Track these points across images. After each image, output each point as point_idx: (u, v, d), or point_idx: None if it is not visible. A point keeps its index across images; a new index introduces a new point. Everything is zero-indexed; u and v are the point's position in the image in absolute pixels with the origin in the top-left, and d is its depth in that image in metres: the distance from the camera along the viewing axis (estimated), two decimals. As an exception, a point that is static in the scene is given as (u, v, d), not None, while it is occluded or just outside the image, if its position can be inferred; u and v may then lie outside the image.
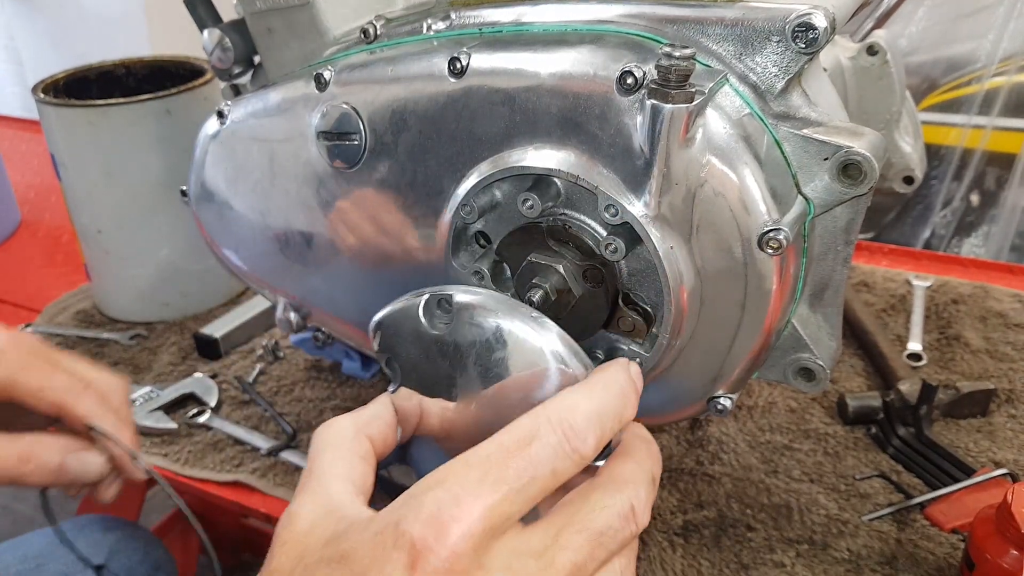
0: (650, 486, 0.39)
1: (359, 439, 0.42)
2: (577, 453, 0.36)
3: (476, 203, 0.57)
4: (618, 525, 0.36)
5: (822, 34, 0.48)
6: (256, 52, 0.73)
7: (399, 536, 0.34)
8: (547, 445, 0.35)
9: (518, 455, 0.35)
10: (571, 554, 0.35)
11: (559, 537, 0.36)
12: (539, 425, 0.36)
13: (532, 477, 0.35)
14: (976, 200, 2.16)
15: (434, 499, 0.34)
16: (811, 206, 0.51)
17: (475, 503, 0.34)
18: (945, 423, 0.85)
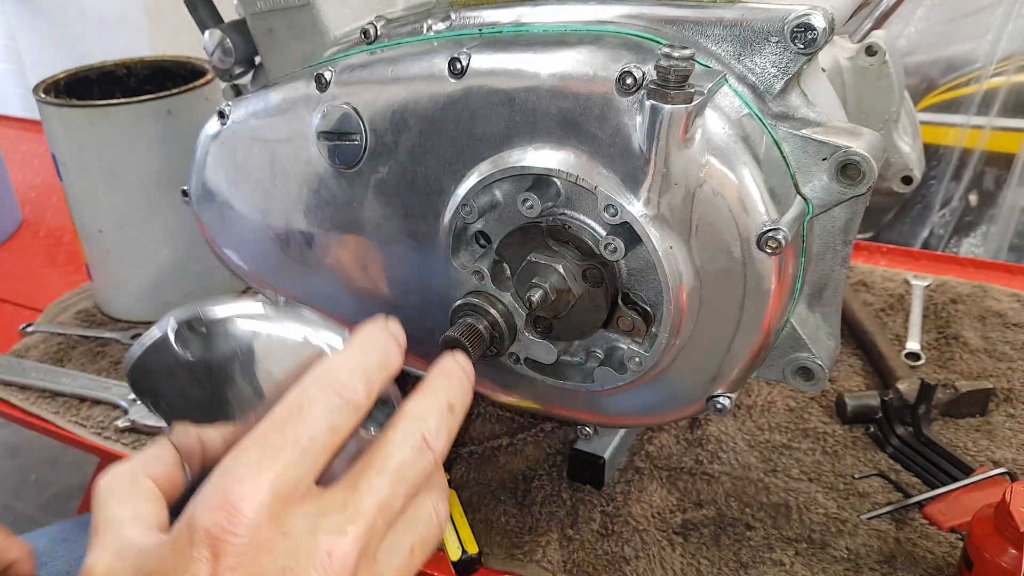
0: (443, 414, 0.39)
1: (140, 481, 0.41)
2: (350, 403, 0.37)
3: (476, 203, 0.57)
4: (412, 457, 0.37)
5: (821, 34, 0.48)
6: (257, 52, 0.73)
7: (193, 535, 0.33)
8: (317, 405, 0.36)
9: (291, 422, 0.35)
10: (373, 496, 0.36)
11: (358, 485, 0.36)
12: (306, 389, 0.36)
13: (311, 438, 0.35)
14: (975, 200, 2.16)
15: (218, 487, 0.34)
16: (810, 206, 0.52)
17: (259, 477, 0.34)
18: (944, 422, 0.85)
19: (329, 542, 0.34)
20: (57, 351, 1.03)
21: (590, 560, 0.71)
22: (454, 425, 0.40)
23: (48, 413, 0.92)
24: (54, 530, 0.89)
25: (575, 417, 0.69)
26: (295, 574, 0.34)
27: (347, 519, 0.35)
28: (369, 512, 0.35)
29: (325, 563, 0.34)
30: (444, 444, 0.39)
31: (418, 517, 0.38)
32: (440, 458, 0.39)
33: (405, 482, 0.37)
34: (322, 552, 0.34)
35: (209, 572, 0.33)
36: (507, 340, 0.60)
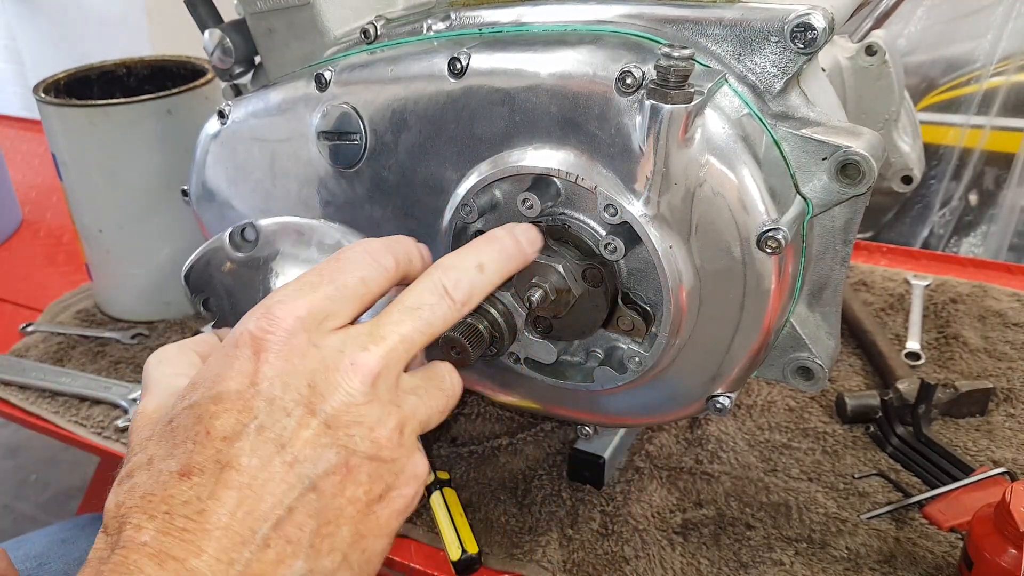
0: (469, 270, 0.45)
1: (186, 352, 0.47)
2: (379, 265, 0.44)
3: (476, 203, 0.57)
4: (433, 300, 0.43)
5: (821, 34, 0.48)
6: (257, 52, 0.73)
7: (239, 336, 0.40)
8: (353, 260, 0.43)
9: (328, 269, 0.43)
10: (394, 327, 0.42)
11: (381, 318, 0.42)
12: (344, 250, 0.44)
13: (344, 282, 0.42)
14: (974, 200, 2.16)
15: (264, 304, 0.41)
16: (810, 206, 0.52)
17: (298, 299, 0.41)
18: (943, 422, 0.85)
19: (353, 355, 0.40)
20: (57, 351, 1.03)
21: (590, 560, 0.71)
22: (480, 283, 0.46)
23: (48, 413, 0.92)
24: (53, 531, 0.89)
25: (575, 417, 0.69)
26: (322, 375, 0.40)
27: (370, 340, 0.41)
28: (390, 338, 0.41)
29: (348, 369, 0.40)
30: (464, 296, 0.44)
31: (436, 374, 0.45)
32: (462, 307, 0.45)
33: (423, 321, 0.43)
34: (346, 362, 0.40)
35: (251, 365, 0.39)
36: (507, 340, 0.60)
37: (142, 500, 0.38)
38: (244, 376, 0.39)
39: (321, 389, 0.40)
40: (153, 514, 0.37)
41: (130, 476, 0.40)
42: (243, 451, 0.38)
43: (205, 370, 0.41)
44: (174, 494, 0.37)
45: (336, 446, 0.39)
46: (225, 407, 0.39)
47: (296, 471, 0.38)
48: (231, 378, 0.39)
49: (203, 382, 0.40)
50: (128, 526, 0.37)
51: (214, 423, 0.39)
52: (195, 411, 0.39)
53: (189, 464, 0.38)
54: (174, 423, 0.40)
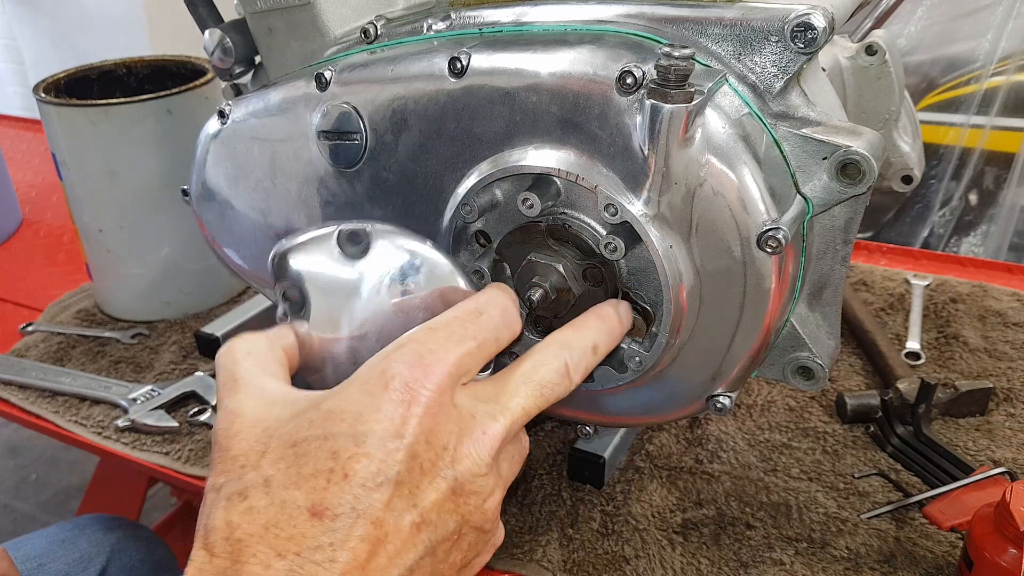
0: (587, 351, 0.46)
1: (275, 349, 0.45)
2: (509, 324, 0.44)
3: (476, 202, 0.57)
4: (556, 380, 0.44)
5: (821, 34, 0.48)
6: (257, 52, 0.73)
7: (389, 379, 0.39)
8: (493, 316, 0.43)
9: (473, 322, 0.42)
10: (519, 399, 0.42)
11: (507, 386, 0.42)
12: (480, 304, 0.44)
13: (485, 339, 0.42)
14: (975, 199, 2.16)
15: (413, 350, 0.40)
16: (810, 205, 0.52)
17: (448, 352, 0.40)
18: (944, 422, 0.85)
19: (484, 424, 0.40)
20: (57, 350, 1.03)
21: (590, 560, 0.71)
22: (592, 363, 0.46)
23: (48, 412, 0.92)
24: (53, 531, 0.89)
25: (575, 416, 0.69)
26: (457, 439, 0.39)
27: (499, 411, 0.41)
28: (514, 411, 0.42)
29: (480, 439, 0.40)
30: (580, 377, 0.45)
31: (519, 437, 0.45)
32: (573, 387, 0.45)
33: (544, 398, 0.43)
34: (479, 430, 0.40)
35: (401, 413, 0.38)
36: (507, 339, 0.60)
37: (265, 531, 0.36)
38: (390, 423, 0.38)
39: (454, 453, 0.39)
40: (282, 553, 0.35)
41: (244, 496, 0.37)
42: (379, 503, 0.37)
43: (342, 401, 0.39)
44: (305, 534, 0.36)
45: (457, 513, 0.39)
46: (367, 452, 0.37)
47: (422, 533, 0.38)
48: (376, 421, 0.38)
49: (340, 415, 0.38)
50: (251, 558, 0.35)
51: (353, 466, 0.37)
52: (331, 445, 0.37)
53: (322, 503, 0.36)
54: (300, 449, 0.38)
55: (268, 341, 0.45)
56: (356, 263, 0.48)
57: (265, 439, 0.39)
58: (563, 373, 0.44)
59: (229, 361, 0.43)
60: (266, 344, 0.45)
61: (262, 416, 0.40)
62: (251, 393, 0.41)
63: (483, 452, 0.40)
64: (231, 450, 0.39)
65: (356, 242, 0.48)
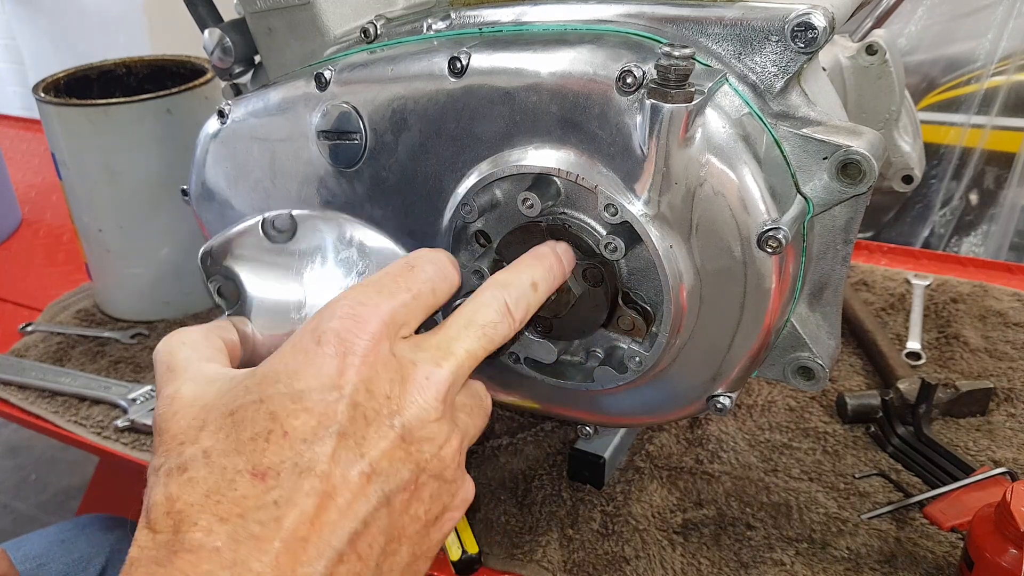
0: (525, 287, 0.46)
1: (213, 339, 0.45)
2: (446, 276, 0.44)
3: (476, 202, 0.57)
4: (497, 319, 0.43)
5: (821, 34, 0.48)
6: (257, 52, 0.73)
7: (321, 336, 0.38)
8: (426, 270, 0.43)
9: (405, 275, 0.42)
10: (462, 343, 0.42)
11: (448, 332, 0.42)
12: (412, 259, 0.44)
13: (419, 290, 0.42)
14: (975, 199, 2.16)
15: (344, 304, 0.39)
16: (810, 205, 0.51)
17: (381, 303, 0.40)
18: (944, 422, 0.85)
19: (427, 369, 0.40)
20: (57, 350, 1.03)
21: (590, 560, 0.71)
22: (534, 301, 0.46)
23: (48, 412, 0.92)
24: (52, 531, 0.89)
25: (575, 417, 0.69)
26: (400, 387, 0.39)
27: (441, 356, 0.41)
28: (458, 355, 0.41)
29: (424, 384, 0.39)
30: (522, 315, 0.45)
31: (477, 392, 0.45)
32: (519, 326, 0.45)
33: (487, 338, 0.42)
34: (421, 376, 0.39)
35: (337, 365, 0.37)
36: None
37: (206, 498, 0.35)
38: (327, 377, 0.37)
39: (398, 401, 0.38)
40: (225, 517, 0.34)
41: (183, 469, 0.36)
42: (323, 457, 0.36)
43: (276, 363, 0.39)
44: (247, 495, 0.35)
45: (409, 461, 0.38)
46: (305, 407, 0.36)
47: (373, 484, 0.37)
48: (312, 377, 0.37)
49: (275, 376, 0.38)
50: (193, 527, 0.34)
51: (292, 423, 0.36)
52: (268, 407, 0.37)
53: (262, 464, 0.35)
54: (238, 416, 0.37)
55: (204, 331, 0.45)
56: (286, 246, 0.48)
57: (203, 415, 0.38)
58: (503, 312, 0.43)
59: (165, 354, 0.43)
60: (202, 334, 0.45)
61: (200, 394, 0.40)
62: (189, 377, 0.41)
63: (429, 397, 0.39)
64: (170, 431, 0.39)
65: (282, 228, 0.48)
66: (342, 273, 0.47)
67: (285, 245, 0.48)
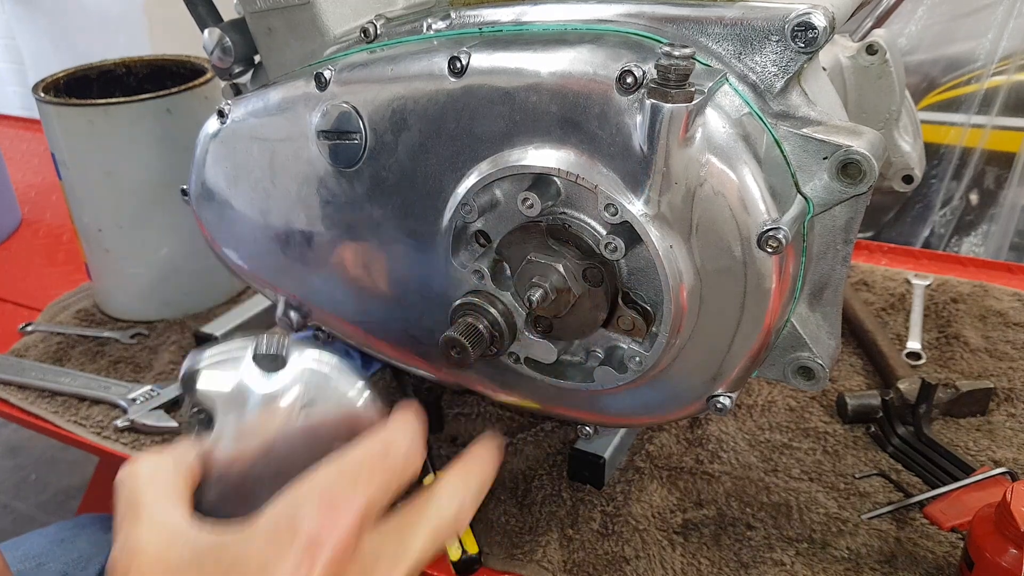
0: (476, 496, 0.46)
1: (180, 470, 0.45)
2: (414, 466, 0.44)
3: (476, 202, 0.57)
4: (448, 527, 0.44)
5: (821, 33, 0.48)
6: (256, 51, 0.73)
7: (296, 529, 0.38)
8: (397, 457, 0.43)
9: (380, 464, 0.42)
10: (417, 545, 0.42)
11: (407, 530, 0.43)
12: (386, 441, 0.43)
13: (389, 481, 0.42)
14: (975, 199, 2.16)
15: (322, 497, 0.40)
16: (810, 205, 0.51)
17: (356, 498, 0.40)
18: (944, 422, 0.85)
19: (389, 570, 0.41)
20: (56, 350, 1.02)
21: (590, 560, 0.71)
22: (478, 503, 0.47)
23: (47, 412, 0.92)
24: (52, 531, 0.89)
25: (575, 417, 0.69)
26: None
27: (400, 556, 0.42)
28: (413, 556, 0.42)
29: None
30: (467, 520, 0.46)
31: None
32: (463, 528, 0.47)
33: (437, 542, 0.44)
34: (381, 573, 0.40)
35: (307, 567, 0.38)
36: (507, 339, 0.60)
37: None
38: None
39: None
40: None
41: None
42: None
43: (247, 547, 0.39)
44: None
45: None
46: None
47: None
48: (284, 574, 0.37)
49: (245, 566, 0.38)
50: None
51: None
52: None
53: None
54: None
55: (173, 463, 0.45)
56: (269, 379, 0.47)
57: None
58: (457, 519, 0.45)
59: (131, 486, 0.43)
60: (171, 466, 0.44)
61: (162, 555, 0.40)
62: (152, 525, 0.41)
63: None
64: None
65: (272, 360, 0.48)
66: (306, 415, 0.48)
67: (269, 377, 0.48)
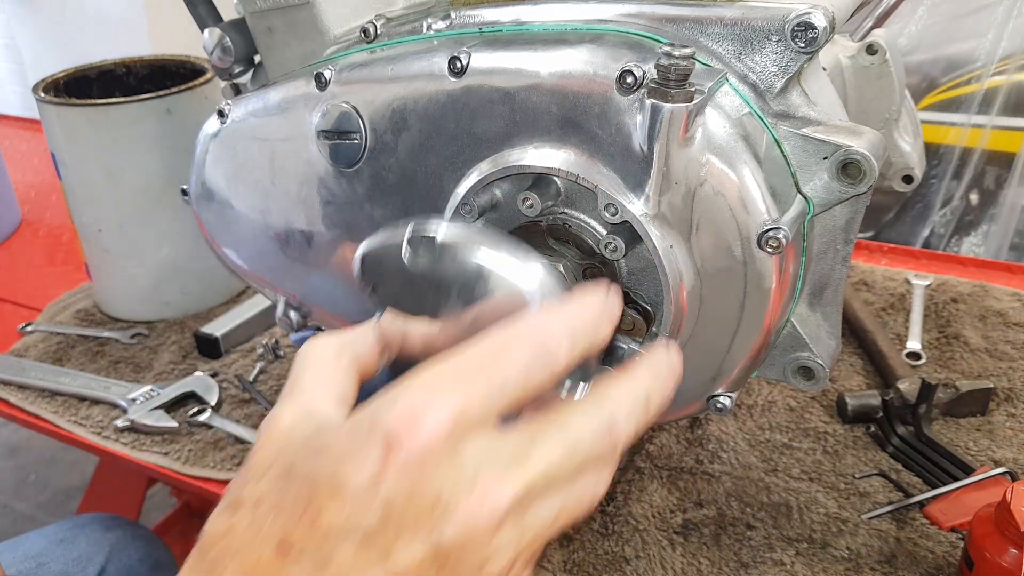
0: (639, 405, 0.39)
1: (342, 355, 0.43)
2: (549, 362, 0.38)
3: (476, 202, 0.57)
4: (593, 439, 0.37)
5: (821, 33, 0.48)
6: (256, 51, 0.73)
7: (373, 428, 0.36)
8: (519, 354, 0.37)
9: (490, 363, 0.37)
10: (543, 459, 0.36)
11: (533, 440, 0.37)
12: (511, 337, 0.38)
13: (503, 381, 0.37)
14: (975, 199, 2.16)
15: (408, 397, 0.36)
16: (810, 205, 0.51)
17: (448, 401, 0.36)
18: (944, 422, 0.85)
19: (487, 487, 0.35)
20: (56, 350, 1.02)
21: (590, 560, 0.71)
22: (645, 421, 0.40)
23: (47, 412, 0.92)
24: (51, 530, 0.89)
25: (575, 417, 0.68)
26: (444, 503, 0.35)
27: (512, 470, 0.36)
28: (534, 471, 0.36)
29: (475, 507, 0.35)
30: (630, 436, 0.39)
31: (576, 490, 0.38)
32: (623, 447, 0.39)
33: (578, 458, 0.37)
34: (477, 494, 0.35)
35: (377, 465, 0.35)
36: (507, 339, 0.60)
37: (236, 554, 0.36)
38: (367, 474, 0.35)
39: (444, 509, 0.35)
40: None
41: (235, 509, 0.37)
42: (343, 556, 0.35)
43: (335, 435, 0.37)
44: (267, 569, 0.35)
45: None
46: (340, 498, 0.35)
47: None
48: (354, 469, 0.35)
49: (328, 452, 0.37)
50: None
51: (323, 513, 0.35)
52: (310, 485, 0.36)
53: (289, 539, 0.35)
54: (291, 476, 0.37)
55: (338, 347, 0.44)
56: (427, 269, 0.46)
57: (277, 456, 0.39)
58: (605, 431, 0.38)
59: (297, 365, 0.43)
60: (333, 351, 0.43)
61: (290, 428, 0.40)
62: (296, 404, 0.41)
63: (480, 513, 0.35)
64: (254, 456, 0.39)
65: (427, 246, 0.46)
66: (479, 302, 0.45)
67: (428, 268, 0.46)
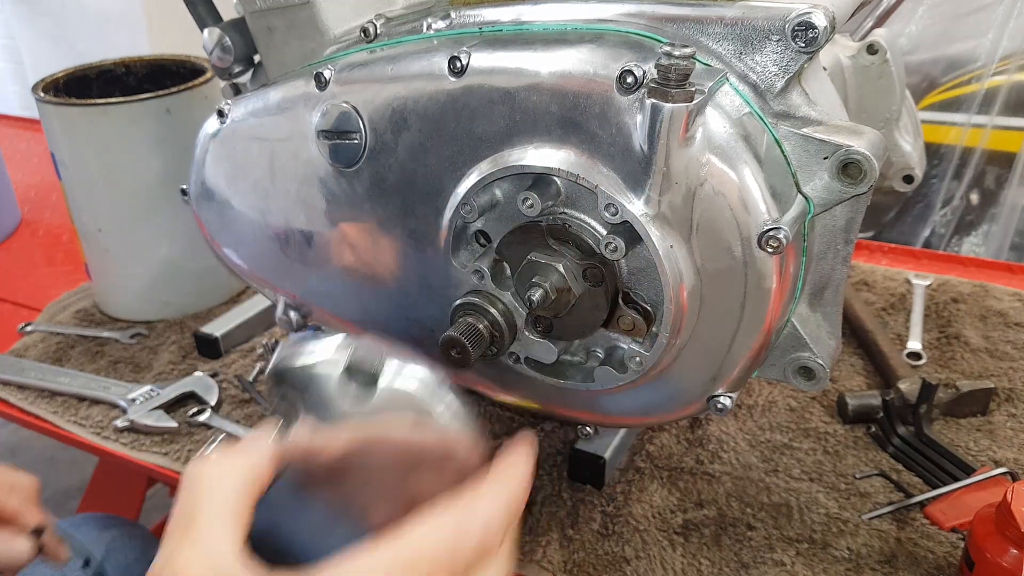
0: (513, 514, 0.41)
1: (248, 481, 0.41)
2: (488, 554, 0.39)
3: (476, 202, 0.57)
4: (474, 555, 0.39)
5: (822, 33, 0.48)
6: (256, 51, 0.73)
7: None
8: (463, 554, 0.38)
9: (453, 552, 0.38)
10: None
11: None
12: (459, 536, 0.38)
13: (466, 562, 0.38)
14: (976, 199, 2.16)
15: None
16: (811, 205, 0.51)
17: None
18: (945, 422, 0.85)
19: None
20: (56, 350, 1.02)
21: (590, 560, 0.71)
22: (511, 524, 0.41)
23: (47, 412, 0.92)
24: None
25: (575, 417, 0.69)
26: None
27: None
28: None
29: None
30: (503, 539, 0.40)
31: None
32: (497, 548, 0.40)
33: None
34: None
35: None
36: (507, 339, 0.60)
37: None
38: None
39: None
40: None
41: None
42: None
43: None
44: None
45: None
46: None
47: None
48: None
49: None
50: None
51: None
52: None
53: None
54: None
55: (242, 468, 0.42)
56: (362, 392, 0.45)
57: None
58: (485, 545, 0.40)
59: (194, 492, 0.41)
60: (238, 474, 0.41)
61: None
62: (198, 552, 0.39)
63: None
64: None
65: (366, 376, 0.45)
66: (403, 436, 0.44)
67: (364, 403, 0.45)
